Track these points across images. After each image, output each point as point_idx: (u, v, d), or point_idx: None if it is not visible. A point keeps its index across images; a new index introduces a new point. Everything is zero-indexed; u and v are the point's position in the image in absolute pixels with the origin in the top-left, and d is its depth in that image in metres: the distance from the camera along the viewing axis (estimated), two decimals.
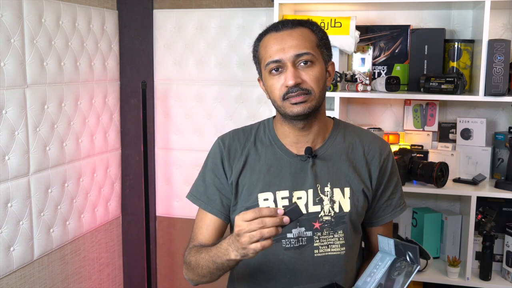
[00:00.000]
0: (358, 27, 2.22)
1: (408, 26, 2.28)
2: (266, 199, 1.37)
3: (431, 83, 2.11)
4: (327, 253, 1.37)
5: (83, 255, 2.43)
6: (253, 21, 2.50)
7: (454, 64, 2.21)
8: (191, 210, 1.59)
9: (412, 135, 2.38)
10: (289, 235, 1.35)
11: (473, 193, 2.09)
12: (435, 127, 2.35)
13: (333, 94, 2.15)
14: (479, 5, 2.10)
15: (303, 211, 1.34)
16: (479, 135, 2.24)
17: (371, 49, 2.33)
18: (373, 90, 2.24)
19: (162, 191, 2.74)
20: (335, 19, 2.14)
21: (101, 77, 2.50)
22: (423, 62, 2.24)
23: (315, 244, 1.36)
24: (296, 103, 1.29)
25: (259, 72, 1.40)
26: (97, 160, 2.50)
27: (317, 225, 1.36)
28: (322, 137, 1.41)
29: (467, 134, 2.27)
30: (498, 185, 2.13)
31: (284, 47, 1.30)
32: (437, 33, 2.23)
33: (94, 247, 2.52)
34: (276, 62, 1.30)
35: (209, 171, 1.44)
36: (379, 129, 2.28)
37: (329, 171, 1.38)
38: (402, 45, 2.29)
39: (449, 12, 2.30)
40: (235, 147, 1.43)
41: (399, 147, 2.30)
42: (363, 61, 2.35)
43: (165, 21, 2.62)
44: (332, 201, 1.37)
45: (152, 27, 2.63)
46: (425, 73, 2.22)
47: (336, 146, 1.42)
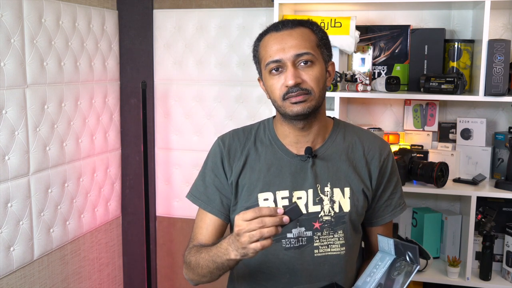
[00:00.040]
0: (358, 27, 2.22)
1: (408, 26, 2.28)
2: (266, 199, 1.37)
3: (431, 83, 2.11)
4: (327, 253, 1.37)
5: (83, 255, 2.43)
6: (253, 21, 2.50)
7: (454, 64, 2.21)
8: (191, 210, 1.59)
9: (412, 135, 2.38)
10: (289, 235, 1.35)
11: (473, 193, 2.09)
12: (435, 127, 2.35)
13: (333, 94, 2.15)
14: (479, 5, 2.10)
15: (303, 211, 1.34)
16: (479, 135, 2.24)
17: (371, 49, 2.33)
18: (373, 90, 2.24)
19: (162, 191, 2.75)
20: (335, 19, 2.14)
21: (101, 77, 2.50)
22: (423, 62, 2.24)
23: (315, 244, 1.36)
24: (296, 103, 1.29)
25: (259, 72, 1.40)
26: (97, 160, 2.50)
27: (317, 225, 1.36)
28: (322, 137, 1.41)
29: (467, 134, 2.27)
30: (498, 185, 2.13)
31: (284, 47, 1.30)
32: (437, 33, 2.23)
33: (94, 247, 2.52)
34: (276, 62, 1.30)
35: (209, 171, 1.44)
36: (379, 129, 2.28)
37: (329, 171, 1.39)
38: (402, 45, 2.29)
39: (449, 12, 2.30)
40: (235, 147, 1.43)
41: (399, 147, 2.30)
42: (363, 61, 2.35)
43: (165, 21, 2.62)
44: (332, 201, 1.37)
45: (152, 27, 2.64)
46: (425, 73, 2.22)
47: (336, 146, 1.42)
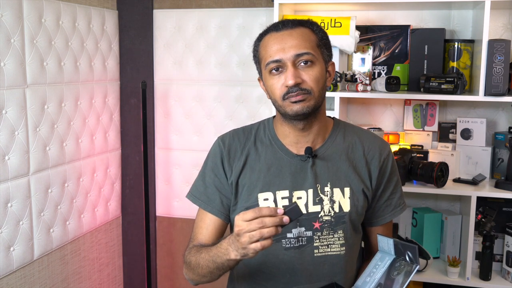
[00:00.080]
0: (358, 27, 2.22)
1: (408, 26, 2.28)
2: (266, 199, 1.37)
3: (431, 83, 2.11)
4: (327, 253, 1.37)
5: (83, 255, 2.43)
6: (253, 21, 2.50)
7: (454, 64, 2.21)
8: (191, 210, 1.59)
9: (412, 135, 2.38)
10: (289, 235, 1.35)
11: (473, 193, 2.09)
12: (435, 127, 2.35)
13: (333, 94, 2.15)
14: (479, 5, 2.10)
15: (303, 211, 1.34)
16: (479, 135, 2.24)
17: (371, 49, 2.33)
18: (373, 90, 2.24)
19: (162, 191, 2.74)
20: (335, 19, 2.14)
21: (101, 77, 2.50)
22: (423, 62, 2.24)
23: (315, 244, 1.36)
24: (295, 102, 1.29)
25: (259, 72, 1.40)
26: (97, 160, 2.50)
27: (317, 225, 1.36)
28: (322, 137, 1.41)
29: (467, 134, 2.27)
30: (498, 185, 2.13)
31: (284, 47, 1.30)
32: (437, 33, 2.23)
33: (94, 247, 2.52)
34: (276, 62, 1.30)
35: (209, 170, 1.44)
36: (379, 129, 2.28)
37: (329, 171, 1.39)
38: (402, 45, 2.29)
39: (449, 12, 2.30)
40: (235, 147, 1.43)
41: (399, 147, 2.30)
42: (363, 61, 2.35)
43: (165, 21, 2.62)
44: (332, 201, 1.37)
45: (152, 27, 2.64)
46: (425, 73, 2.22)
47: (336, 146, 1.42)
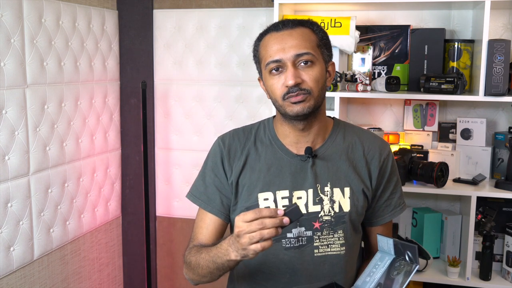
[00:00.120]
0: (358, 27, 2.22)
1: (408, 26, 2.28)
2: (266, 199, 1.37)
3: (431, 83, 2.11)
4: (327, 253, 1.37)
5: (83, 255, 2.43)
6: (253, 21, 2.50)
7: (454, 64, 2.21)
8: (191, 210, 1.59)
9: (412, 135, 2.38)
10: (289, 235, 1.35)
11: (473, 193, 2.09)
12: (435, 127, 2.35)
13: (333, 94, 2.15)
14: (479, 5, 2.10)
15: (303, 211, 1.34)
16: (479, 135, 2.24)
17: (371, 49, 2.33)
18: (373, 90, 2.24)
19: (162, 191, 2.74)
20: (335, 19, 2.14)
21: (101, 77, 2.50)
22: (423, 62, 2.24)
23: (315, 243, 1.36)
24: (295, 103, 1.29)
25: (259, 71, 1.40)
26: (97, 160, 2.50)
27: (317, 224, 1.36)
28: (322, 137, 1.41)
29: (467, 134, 2.27)
30: (498, 185, 2.13)
31: (284, 47, 1.30)
32: (437, 33, 2.23)
33: (94, 247, 2.52)
34: (276, 62, 1.30)
35: (209, 170, 1.44)
36: (379, 129, 2.28)
37: (329, 171, 1.39)
38: (402, 45, 2.29)
39: (449, 12, 2.30)
40: (235, 147, 1.43)
41: (399, 147, 2.30)
42: (363, 61, 2.35)
43: (165, 21, 2.62)
44: (332, 201, 1.37)
45: (152, 27, 2.64)
46: (425, 73, 2.22)
47: (336, 146, 1.42)
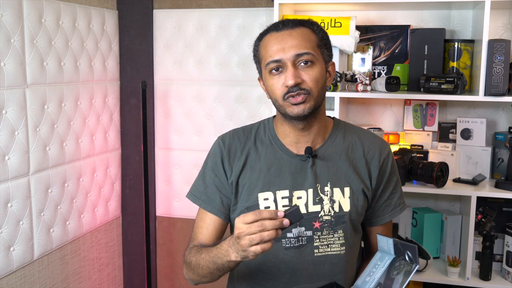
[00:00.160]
0: (358, 27, 2.22)
1: (408, 26, 2.28)
2: (266, 199, 1.37)
3: (431, 83, 2.11)
4: (327, 253, 1.37)
5: (83, 255, 2.43)
6: (253, 21, 2.50)
7: (454, 64, 2.21)
8: (191, 210, 1.59)
9: (412, 135, 2.38)
10: (289, 235, 1.35)
11: (473, 193, 2.09)
12: (435, 127, 2.35)
13: (333, 94, 2.15)
14: (479, 5, 2.10)
15: (303, 210, 1.35)
16: (479, 135, 2.24)
17: (371, 49, 2.33)
18: (373, 90, 2.24)
19: (162, 191, 2.74)
20: (335, 19, 2.14)
21: (101, 77, 2.50)
22: (423, 62, 2.24)
23: (315, 243, 1.36)
24: (296, 104, 1.29)
25: (260, 71, 1.40)
26: (97, 160, 2.50)
27: (317, 224, 1.36)
28: (322, 137, 1.41)
29: (467, 134, 2.27)
30: (498, 185, 2.13)
31: (284, 46, 1.30)
32: (437, 33, 2.23)
33: (94, 247, 2.52)
34: (276, 61, 1.30)
35: (209, 170, 1.44)
36: (379, 129, 2.28)
37: (329, 170, 1.39)
38: (402, 45, 2.29)
39: (449, 12, 2.30)
40: (235, 147, 1.43)
41: (399, 147, 2.30)
42: (363, 61, 2.35)
43: (165, 21, 2.62)
44: (332, 201, 1.37)
45: (152, 27, 2.64)
46: (425, 73, 2.22)
47: (336, 146, 1.42)
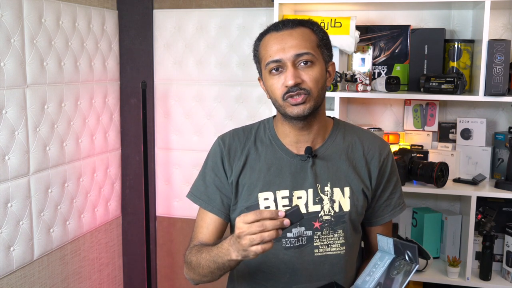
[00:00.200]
0: (358, 27, 2.22)
1: (408, 26, 2.28)
2: (266, 199, 1.37)
3: (431, 83, 2.11)
4: (327, 253, 1.37)
5: (83, 255, 2.43)
6: (253, 21, 2.50)
7: (454, 64, 2.21)
8: (191, 210, 1.60)
9: (412, 135, 2.38)
10: (289, 235, 1.35)
11: (473, 193, 2.09)
12: (435, 127, 2.35)
13: (333, 94, 2.15)
14: (479, 5, 2.10)
15: (303, 210, 1.35)
16: (479, 135, 2.24)
17: (371, 49, 2.33)
18: (373, 90, 2.24)
19: (162, 191, 2.75)
20: (335, 19, 2.14)
21: (101, 77, 2.50)
22: (423, 62, 2.24)
23: (315, 243, 1.36)
24: (296, 104, 1.29)
25: (259, 71, 1.40)
26: (97, 160, 2.50)
27: (317, 224, 1.36)
28: (322, 137, 1.41)
29: (467, 134, 2.27)
30: (498, 185, 2.13)
31: (284, 47, 1.30)
32: (437, 33, 2.23)
33: (94, 247, 2.52)
34: (276, 62, 1.30)
35: (209, 170, 1.44)
36: (379, 129, 2.28)
37: (329, 170, 1.39)
38: (402, 45, 2.29)
39: (449, 12, 2.30)
40: (235, 147, 1.43)
41: (399, 147, 2.30)
42: (363, 61, 2.35)
43: (165, 21, 2.62)
44: (332, 201, 1.37)
45: (152, 27, 2.64)
46: (425, 73, 2.22)
47: (336, 145, 1.42)
